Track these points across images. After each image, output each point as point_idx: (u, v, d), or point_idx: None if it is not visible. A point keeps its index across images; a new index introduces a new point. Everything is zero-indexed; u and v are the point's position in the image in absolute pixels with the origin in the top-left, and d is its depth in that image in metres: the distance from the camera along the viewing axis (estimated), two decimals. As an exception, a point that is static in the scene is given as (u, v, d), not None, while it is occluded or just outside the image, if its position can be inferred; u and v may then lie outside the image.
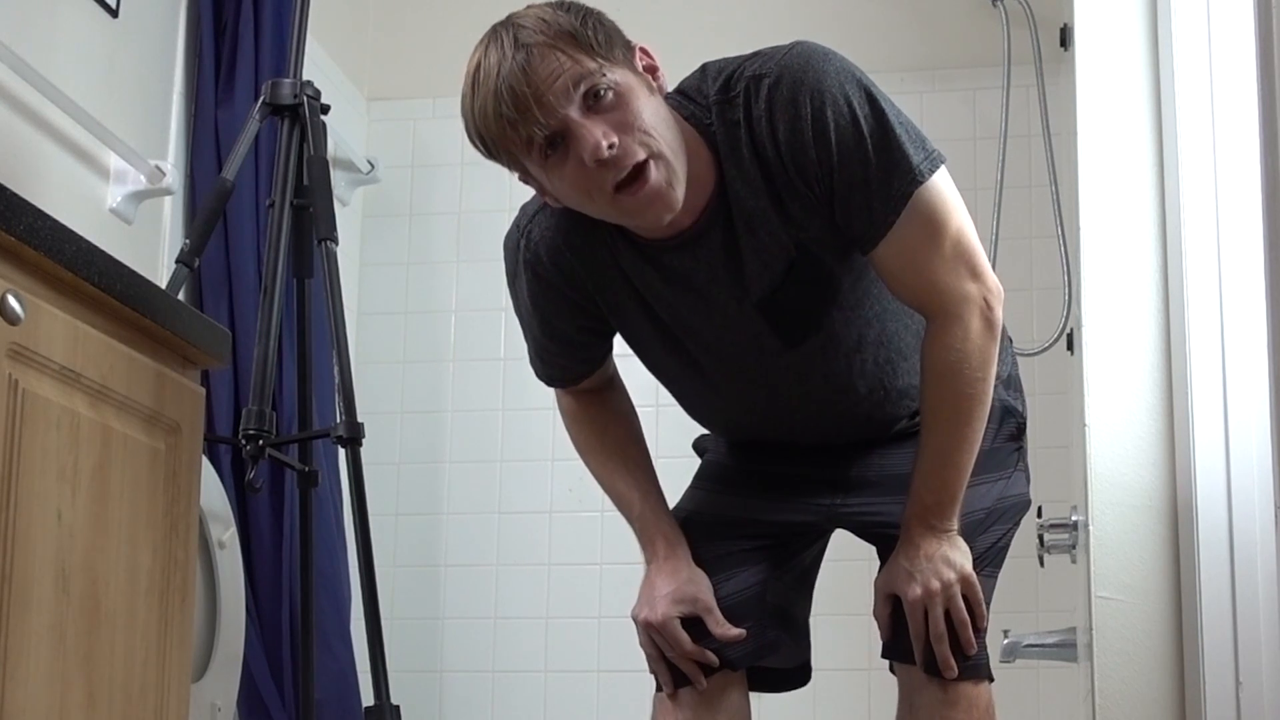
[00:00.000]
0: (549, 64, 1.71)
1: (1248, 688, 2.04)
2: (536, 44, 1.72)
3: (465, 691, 3.75)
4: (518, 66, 1.71)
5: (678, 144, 1.78)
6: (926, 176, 1.81)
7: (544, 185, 1.82)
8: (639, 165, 1.74)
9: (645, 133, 1.74)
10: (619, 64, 1.76)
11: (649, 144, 1.74)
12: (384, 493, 3.68)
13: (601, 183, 1.75)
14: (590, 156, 1.72)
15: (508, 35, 1.74)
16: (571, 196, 1.80)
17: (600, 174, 1.74)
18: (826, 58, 1.80)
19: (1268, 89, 1.49)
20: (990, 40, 3.78)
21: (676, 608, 1.95)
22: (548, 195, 1.85)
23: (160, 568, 1.74)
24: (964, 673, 1.89)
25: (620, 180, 1.74)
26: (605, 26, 1.78)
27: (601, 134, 1.72)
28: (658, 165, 1.75)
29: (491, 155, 1.80)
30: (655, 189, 1.75)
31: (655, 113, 1.77)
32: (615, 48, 1.77)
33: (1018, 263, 3.62)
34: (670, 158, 1.76)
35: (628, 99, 1.75)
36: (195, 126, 3.16)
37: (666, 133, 1.77)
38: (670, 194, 1.77)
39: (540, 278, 1.95)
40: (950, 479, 1.87)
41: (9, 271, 1.48)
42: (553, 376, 2.09)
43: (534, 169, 1.79)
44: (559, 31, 1.73)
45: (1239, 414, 2.11)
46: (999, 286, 1.88)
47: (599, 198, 1.77)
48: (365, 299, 3.95)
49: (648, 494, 2.04)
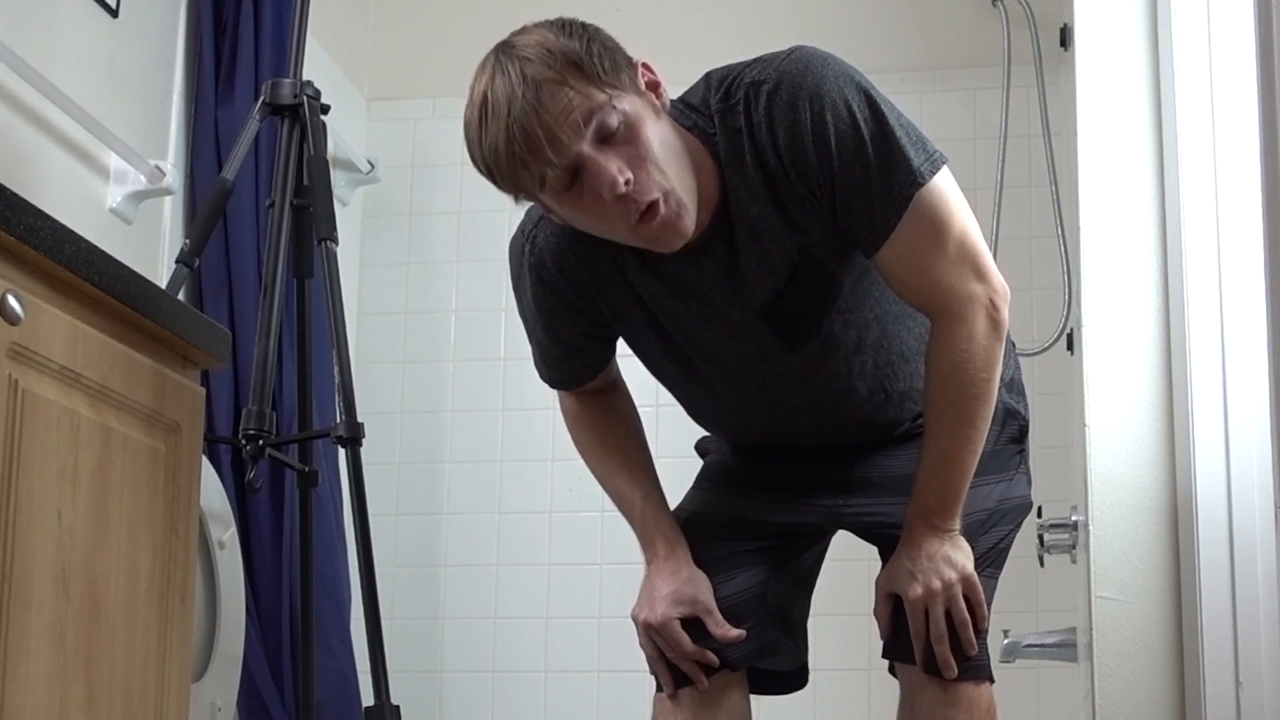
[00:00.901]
0: (558, 101, 1.70)
1: (1248, 688, 2.04)
2: (545, 80, 1.70)
3: (465, 691, 3.75)
4: (529, 105, 1.69)
5: (685, 169, 1.79)
6: (928, 178, 1.80)
7: (552, 210, 1.82)
8: (651, 203, 1.74)
9: (658, 168, 1.74)
10: (626, 90, 1.75)
11: (661, 183, 1.75)
12: (384, 493, 3.67)
13: (623, 215, 1.75)
14: (609, 192, 1.72)
15: (513, 67, 1.71)
16: (586, 224, 1.81)
17: (620, 207, 1.74)
18: (825, 62, 1.80)
19: (1268, 89, 1.49)
20: (990, 40, 3.78)
21: (676, 608, 1.95)
22: (554, 216, 1.85)
23: (160, 568, 1.74)
24: (965, 673, 1.89)
25: (637, 215, 1.75)
26: (609, 49, 1.76)
27: (617, 169, 1.72)
28: (668, 201, 1.75)
29: (498, 186, 1.79)
30: (666, 222, 1.76)
31: (664, 142, 1.77)
32: (621, 72, 1.76)
33: (1018, 263, 3.62)
34: (680, 192, 1.77)
35: (638, 129, 1.74)
36: (195, 126, 3.16)
37: (674, 162, 1.77)
38: (681, 223, 1.78)
39: (545, 283, 1.96)
40: (953, 479, 1.87)
41: (9, 271, 1.48)
42: (556, 379, 2.09)
43: (545, 200, 1.79)
44: (565, 62, 1.71)
45: (1239, 414, 2.11)
46: (1004, 286, 1.87)
47: (620, 228, 1.78)
48: (365, 299, 3.95)
49: (649, 494, 2.04)
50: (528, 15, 1.83)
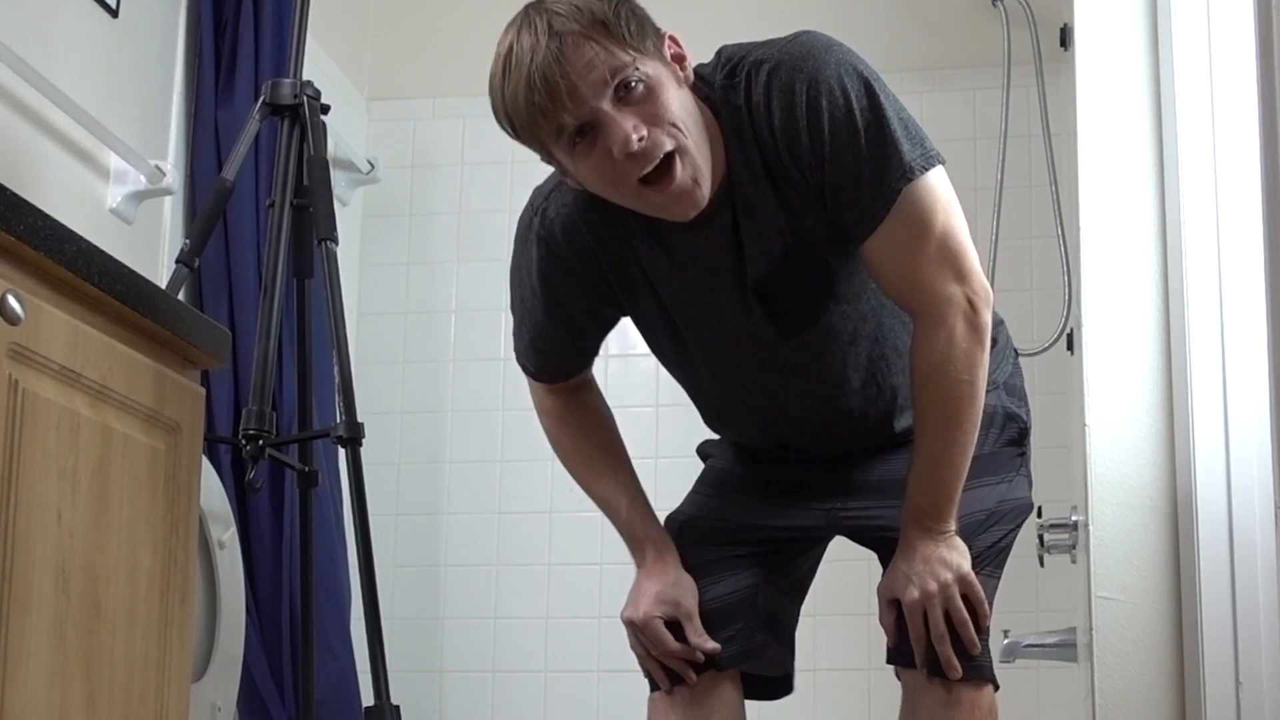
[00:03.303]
0: (583, 54, 1.72)
1: (1248, 688, 2.04)
2: (571, 33, 1.72)
3: (465, 691, 3.75)
4: (552, 55, 1.71)
5: (703, 138, 1.80)
6: (918, 174, 1.80)
7: (568, 169, 1.83)
8: (667, 157, 1.75)
9: (674, 125, 1.75)
10: (650, 55, 1.76)
11: (677, 137, 1.75)
12: (384, 493, 3.67)
13: (628, 174, 1.76)
14: (620, 149, 1.73)
15: (541, 20, 1.73)
16: (596, 184, 1.81)
17: (628, 165, 1.75)
18: (829, 48, 1.81)
19: (1268, 89, 1.49)
20: (990, 40, 3.78)
21: (659, 607, 1.95)
22: (570, 178, 1.85)
23: (160, 568, 1.74)
24: (966, 673, 1.89)
25: (647, 173, 1.75)
26: (638, 15, 1.78)
27: (632, 127, 1.73)
28: (684, 161, 1.76)
29: (518, 138, 1.81)
30: (681, 186, 1.77)
31: (683, 105, 1.78)
32: (647, 38, 1.77)
33: (1018, 263, 3.62)
34: (695, 154, 1.77)
35: (658, 91, 1.75)
36: (195, 126, 3.16)
37: (694, 127, 1.78)
38: (696, 191, 1.78)
39: (553, 255, 1.95)
40: (944, 481, 1.87)
41: (9, 271, 1.48)
42: (543, 367, 2.07)
43: (560, 155, 1.80)
44: (593, 20, 1.73)
45: (1239, 414, 2.11)
46: (987, 289, 1.86)
47: (624, 189, 1.78)
48: (365, 299, 3.95)
49: (633, 499, 2.04)
50: (527, 15, 1.83)
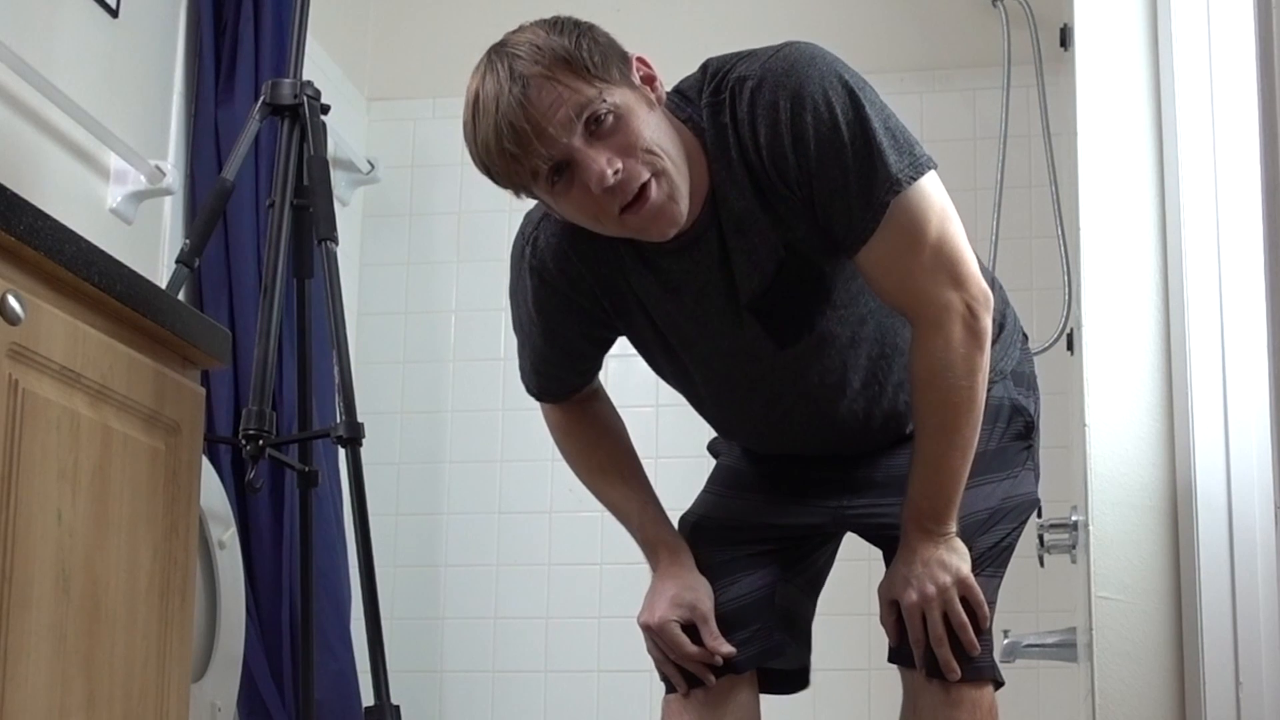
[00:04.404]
0: (546, 96, 1.70)
1: (1248, 688, 2.04)
2: (533, 75, 1.70)
3: (465, 691, 3.75)
4: (515, 101, 1.70)
5: (680, 158, 1.78)
6: (906, 184, 1.78)
7: (549, 205, 1.83)
8: (642, 185, 1.74)
9: (648, 150, 1.74)
10: (617, 83, 1.75)
11: (653, 163, 1.74)
12: (384, 493, 3.68)
13: (609, 207, 1.75)
14: (596, 185, 1.72)
15: (503, 65, 1.72)
16: (580, 219, 1.81)
17: (607, 199, 1.74)
18: (812, 61, 1.79)
19: (1268, 89, 1.49)
20: (990, 40, 3.78)
21: (675, 611, 1.95)
22: (553, 211, 1.85)
23: (160, 568, 1.74)
24: (966, 674, 1.89)
25: (625, 203, 1.75)
26: (600, 44, 1.76)
27: (605, 161, 1.72)
28: (660, 182, 1.75)
29: (497, 183, 1.80)
30: (657, 205, 1.75)
31: (657, 128, 1.77)
32: (612, 66, 1.75)
33: (1018, 263, 3.61)
34: (673, 173, 1.76)
35: (628, 119, 1.74)
36: (195, 126, 3.16)
37: (670, 148, 1.77)
38: (673, 208, 1.77)
39: (546, 283, 1.95)
40: (944, 484, 1.87)
41: (9, 271, 1.48)
42: (545, 389, 2.08)
43: (541, 195, 1.80)
44: (554, 59, 1.71)
45: (1239, 414, 2.11)
46: (986, 293, 1.85)
47: (607, 220, 1.78)
48: (365, 299, 3.95)
49: (645, 504, 2.05)
50: (527, 15, 1.83)
